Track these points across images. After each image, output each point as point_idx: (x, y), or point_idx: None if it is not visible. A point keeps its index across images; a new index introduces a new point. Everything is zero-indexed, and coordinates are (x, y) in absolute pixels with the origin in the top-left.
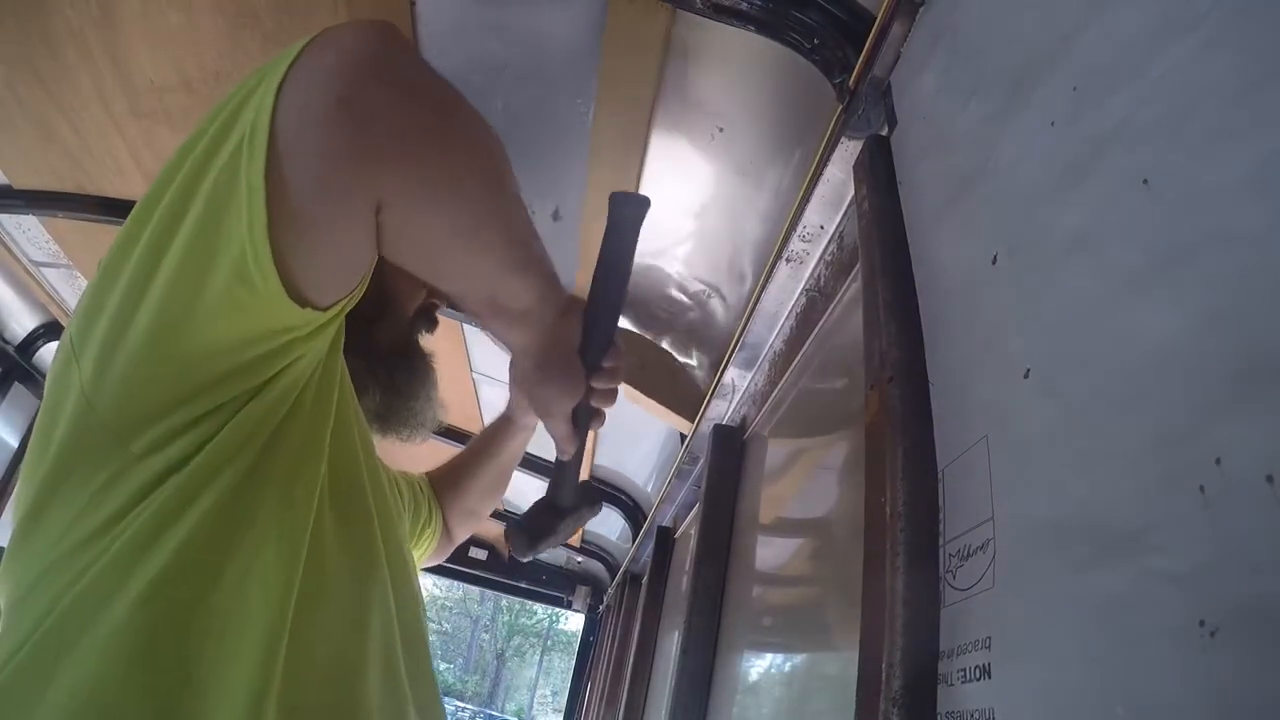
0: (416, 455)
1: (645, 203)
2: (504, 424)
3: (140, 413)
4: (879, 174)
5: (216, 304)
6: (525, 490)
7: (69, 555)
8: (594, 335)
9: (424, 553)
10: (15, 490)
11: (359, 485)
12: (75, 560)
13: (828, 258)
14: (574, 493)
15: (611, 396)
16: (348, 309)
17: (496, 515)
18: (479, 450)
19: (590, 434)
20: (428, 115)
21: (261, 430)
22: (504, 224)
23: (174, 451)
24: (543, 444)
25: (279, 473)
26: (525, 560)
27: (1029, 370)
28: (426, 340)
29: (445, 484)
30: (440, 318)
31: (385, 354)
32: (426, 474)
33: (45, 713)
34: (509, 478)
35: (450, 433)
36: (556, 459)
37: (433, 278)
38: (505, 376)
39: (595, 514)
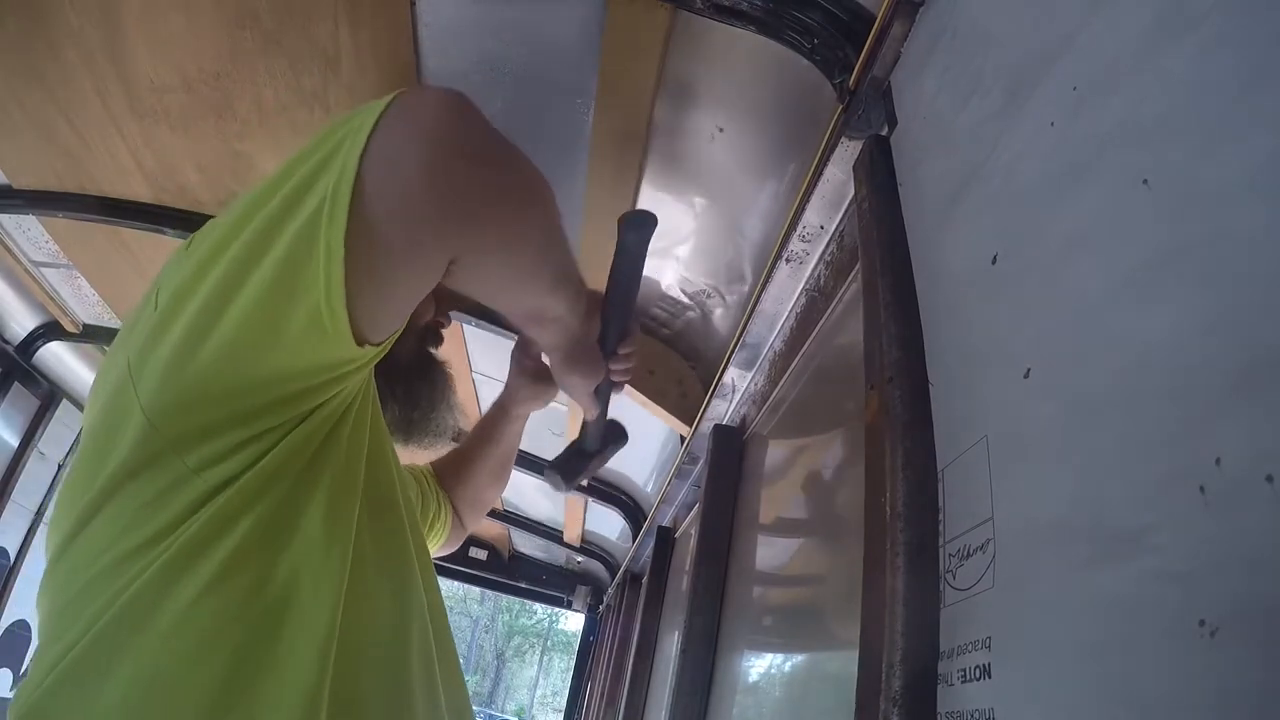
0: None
1: (652, 222)
2: (499, 413)
3: (201, 429)
4: (879, 174)
5: (288, 343)
6: (525, 490)
7: (119, 563)
8: (610, 328)
9: (436, 544)
10: (53, 514)
11: (392, 495)
12: (127, 567)
13: (828, 258)
14: (599, 437)
15: (627, 375)
16: (393, 340)
17: (498, 517)
18: (479, 441)
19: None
20: (502, 182)
21: (309, 448)
22: (553, 258)
23: (229, 467)
24: (539, 444)
25: (325, 486)
26: (564, 492)
27: (1029, 370)
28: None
29: (450, 475)
30: None
31: (403, 369)
32: (431, 464)
33: (101, 708)
34: (511, 464)
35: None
36: (588, 419)
37: (486, 300)
38: (505, 376)
39: (621, 446)
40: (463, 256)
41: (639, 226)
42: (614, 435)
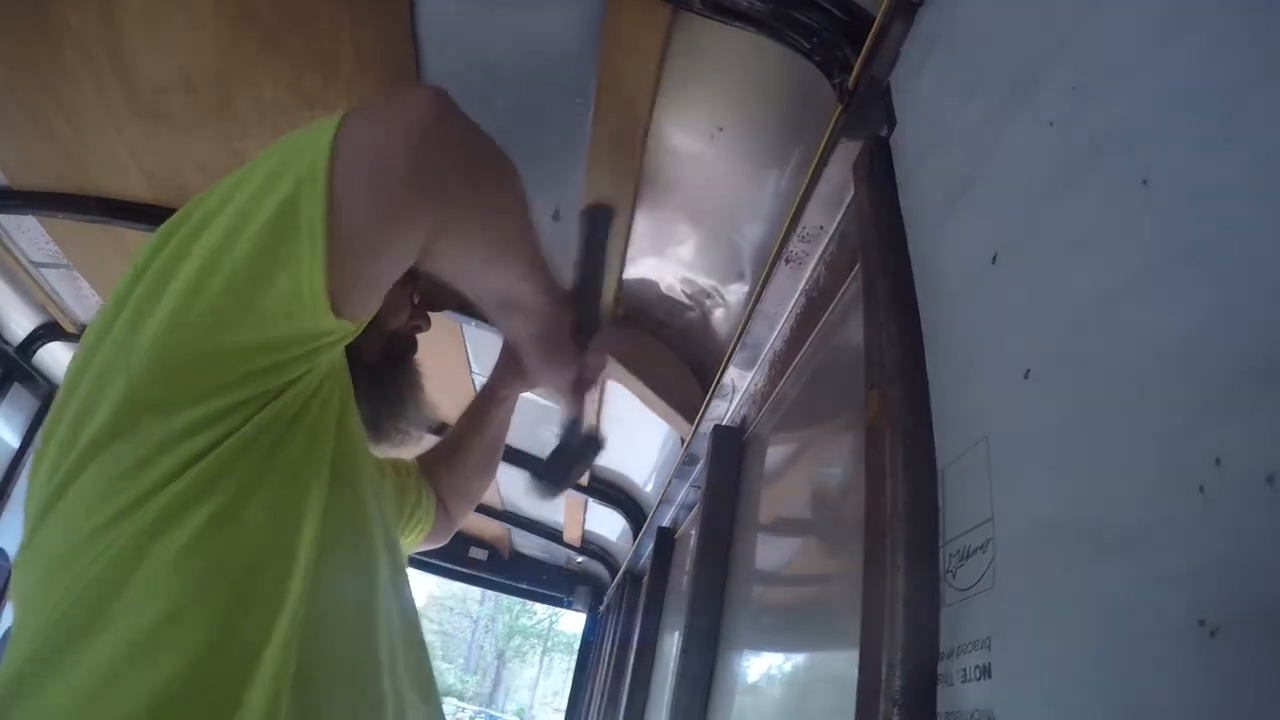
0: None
1: (609, 213)
2: (486, 397)
3: (183, 395)
4: (879, 174)
5: (268, 311)
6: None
7: (95, 533)
8: (583, 320)
9: (417, 536)
10: (28, 494)
11: (359, 480)
12: (101, 537)
13: (827, 258)
14: (580, 439)
15: (601, 367)
16: (367, 321)
17: (498, 517)
18: (466, 428)
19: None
20: (476, 170)
21: (281, 422)
22: (523, 245)
23: (207, 437)
24: (541, 444)
25: (296, 461)
26: (550, 500)
27: (1029, 370)
28: (424, 344)
29: (437, 465)
30: (442, 319)
31: (373, 367)
32: (418, 457)
33: (81, 674)
34: (499, 452)
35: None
36: (566, 416)
37: (461, 283)
38: None
39: (599, 452)
40: (438, 233)
41: (596, 217)
42: (590, 443)
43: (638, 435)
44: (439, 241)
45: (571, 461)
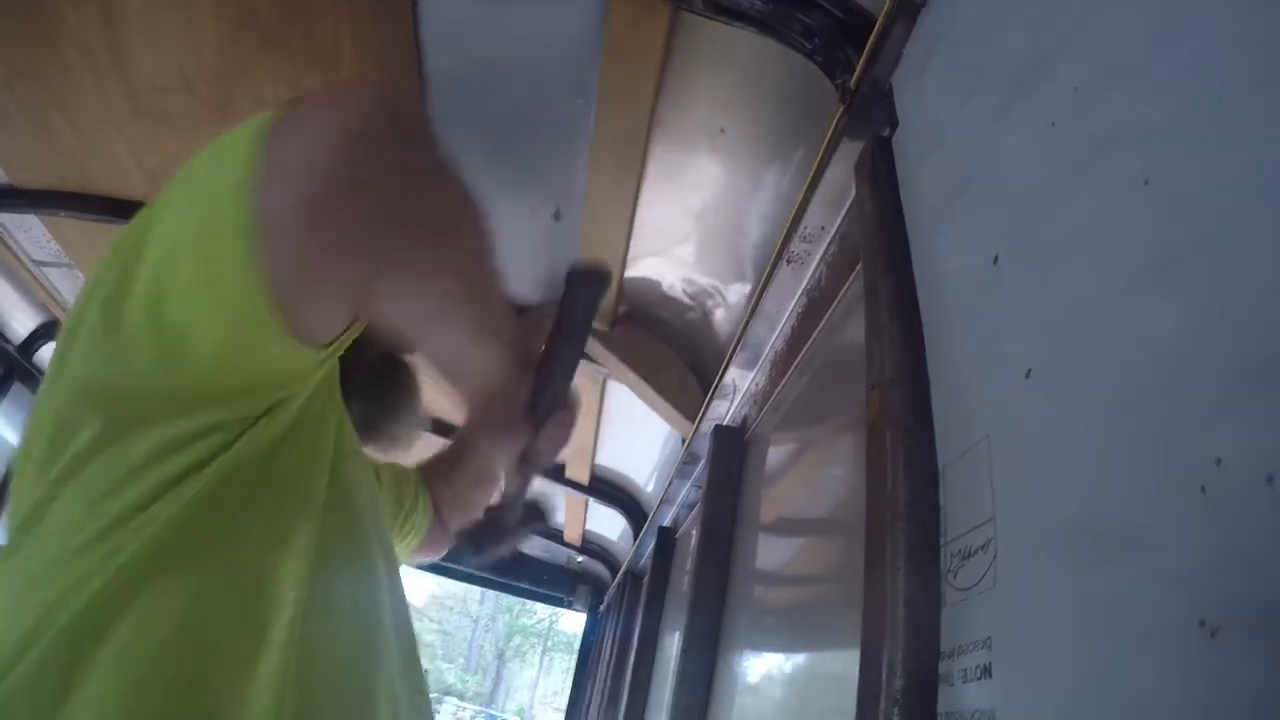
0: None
1: (605, 281)
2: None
3: (174, 409)
4: (880, 175)
5: (222, 352)
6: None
7: (85, 547)
8: (545, 393)
9: (410, 543)
10: (12, 499)
11: (355, 484)
12: (98, 546)
13: (829, 258)
14: (518, 514)
15: (559, 445)
16: (346, 343)
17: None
18: (463, 443)
19: (591, 434)
20: (414, 200)
21: (273, 437)
22: (472, 304)
23: (194, 453)
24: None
25: (289, 480)
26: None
27: (1030, 370)
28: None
29: (435, 475)
30: None
31: (370, 366)
32: (418, 465)
33: (90, 688)
34: (499, 467)
35: (447, 430)
36: (508, 491)
37: (410, 337)
38: None
39: (539, 527)
40: (375, 274)
41: (589, 283)
42: (531, 515)
43: (638, 435)
44: (377, 284)
45: (503, 534)
